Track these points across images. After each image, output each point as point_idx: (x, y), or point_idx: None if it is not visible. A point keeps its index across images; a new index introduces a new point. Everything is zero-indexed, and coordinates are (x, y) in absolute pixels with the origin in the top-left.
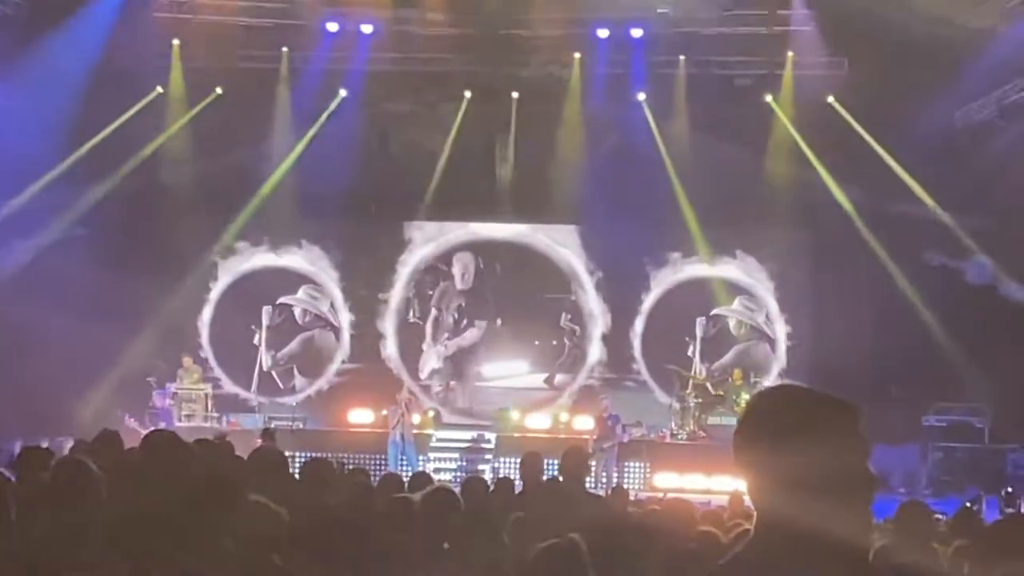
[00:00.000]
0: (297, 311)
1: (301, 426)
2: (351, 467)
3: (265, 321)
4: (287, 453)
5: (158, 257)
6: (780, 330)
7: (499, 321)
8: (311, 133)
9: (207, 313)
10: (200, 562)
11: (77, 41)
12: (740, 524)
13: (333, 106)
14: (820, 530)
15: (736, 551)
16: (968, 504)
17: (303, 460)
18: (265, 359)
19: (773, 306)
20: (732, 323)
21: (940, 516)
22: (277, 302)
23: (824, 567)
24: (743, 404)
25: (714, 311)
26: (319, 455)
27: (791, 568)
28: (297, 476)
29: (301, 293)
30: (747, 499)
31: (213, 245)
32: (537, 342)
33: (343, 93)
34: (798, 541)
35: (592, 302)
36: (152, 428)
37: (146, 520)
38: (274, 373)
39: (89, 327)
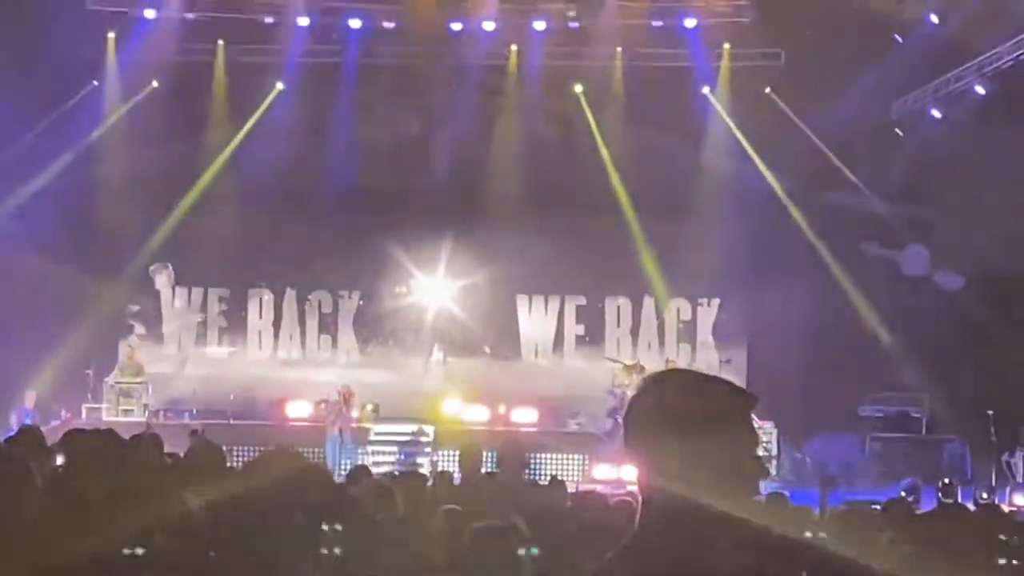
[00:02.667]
0: None
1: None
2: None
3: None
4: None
5: (95, 250)
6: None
7: None
8: (248, 127)
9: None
10: (133, 558)
11: (11, 35)
12: None
13: (270, 99)
14: (708, 517)
15: (624, 542)
16: (903, 495)
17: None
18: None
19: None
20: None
21: (876, 507)
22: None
23: (711, 554)
24: None
25: None
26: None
27: (679, 555)
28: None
29: None
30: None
31: (149, 238)
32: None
33: (280, 86)
34: (686, 528)
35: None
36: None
37: (75, 517)
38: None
39: (26, 320)
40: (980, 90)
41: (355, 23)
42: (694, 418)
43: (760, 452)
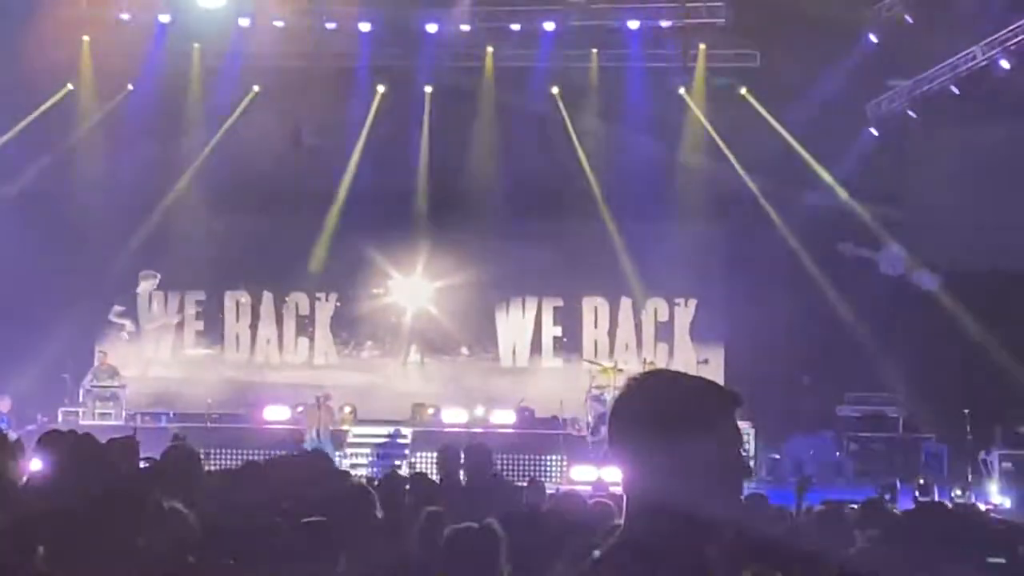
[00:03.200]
0: None
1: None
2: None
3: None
4: (201, 451)
5: (70, 255)
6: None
7: None
8: (224, 130)
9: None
10: (112, 562)
11: None
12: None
13: (246, 102)
14: (692, 515)
15: (610, 543)
16: (878, 494)
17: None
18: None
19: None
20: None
21: (853, 506)
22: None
23: (695, 553)
24: None
25: None
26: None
27: (665, 555)
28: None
29: None
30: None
31: (127, 241)
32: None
33: (256, 89)
34: (671, 528)
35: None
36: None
37: (55, 520)
38: None
39: (2, 323)
40: (955, 90)
41: (330, 25)
42: (678, 418)
43: (743, 451)
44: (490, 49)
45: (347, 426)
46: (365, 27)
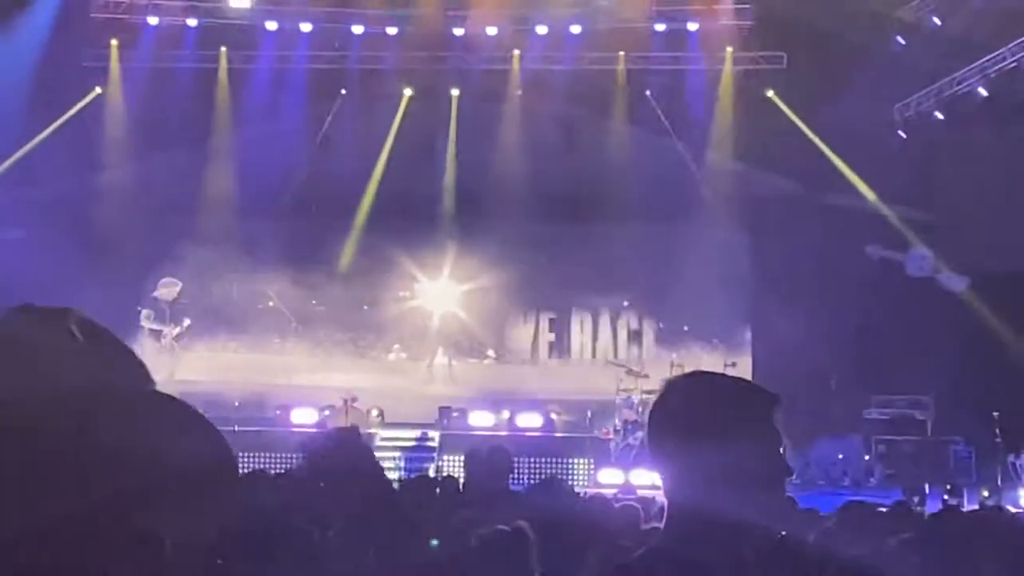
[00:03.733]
0: None
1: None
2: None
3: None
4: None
5: (98, 258)
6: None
7: None
8: (251, 132)
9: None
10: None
11: (15, 42)
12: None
13: (273, 105)
14: (734, 519)
15: (650, 544)
16: (908, 497)
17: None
18: None
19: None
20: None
21: (882, 509)
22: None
23: (736, 556)
24: None
25: None
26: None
27: (704, 558)
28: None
29: None
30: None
31: (154, 243)
32: None
33: (283, 92)
34: (711, 531)
35: None
36: None
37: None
38: None
39: None
40: (983, 92)
41: (358, 29)
42: (716, 420)
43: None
44: (516, 52)
45: (375, 429)
46: (392, 30)
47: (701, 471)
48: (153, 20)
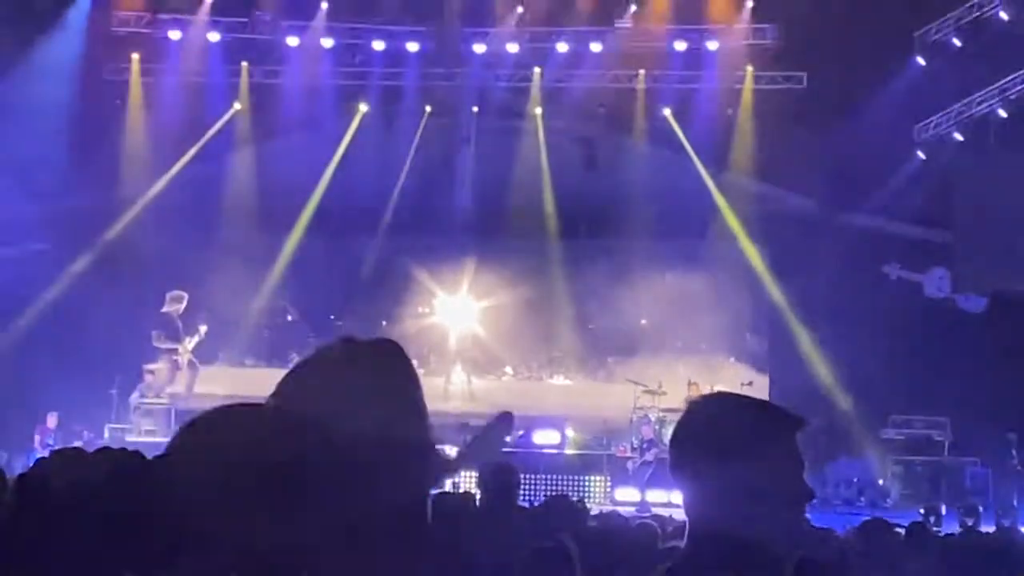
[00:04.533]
0: None
1: None
2: None
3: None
4: None
5: (118, 271)
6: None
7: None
8: (271, 147)
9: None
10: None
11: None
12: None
13: (294, 120)
14: (755, 539)
15: (668, 565)
16: (923, 518)
17: None
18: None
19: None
20: None
21: (899, 529)
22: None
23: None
24: None
25: None
26: None
27: None
28: None
29: None
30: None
31: (173, 259)
32: None
33: (305, 108)
34: (733, 550)
35: None
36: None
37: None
38: None
39: (49, 340)
40: (1002, 113)
41: (379, 45)
42: (739, 441)
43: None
44: (537, 70)
45: None
46: (413, 47)
47: (724, 491)
48: (175, 35)
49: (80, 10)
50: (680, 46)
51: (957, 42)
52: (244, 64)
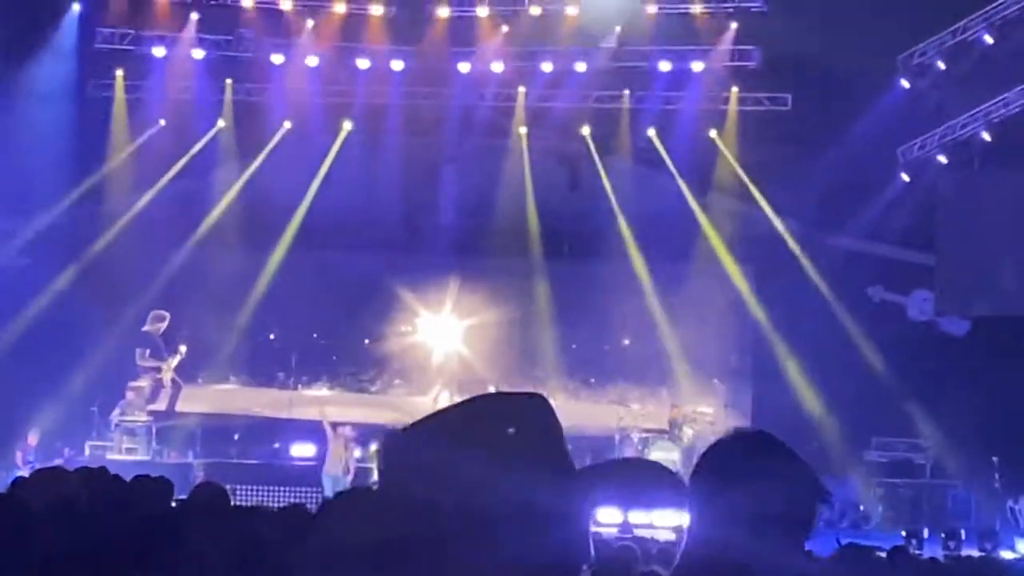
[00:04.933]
0: None
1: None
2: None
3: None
4: (228, 486)
5: (100, 286)
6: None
7: None
8: (255, 165)
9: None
10: None
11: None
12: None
13: (277, 138)
14: (752, 568)
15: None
16: (905, 541)
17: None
18: None
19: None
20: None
21: (881, 553)
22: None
23: None
24: (687, 438)
25: None
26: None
27: None
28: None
29: None
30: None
31: (155, 276)
32: None
33: (287, 125)
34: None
35: None
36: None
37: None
38: None
39: (30, 358)
40: (986, 136)
41: (363, 64)
42: (746, 471)
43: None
44: (522, 89)
45: (373, 464)
46: (398, 66)
47: (725, 517)
48: (159, 52)
49: (68, 31)
50: (665, 67)
51: (941, 65)
52: (228, 81)
